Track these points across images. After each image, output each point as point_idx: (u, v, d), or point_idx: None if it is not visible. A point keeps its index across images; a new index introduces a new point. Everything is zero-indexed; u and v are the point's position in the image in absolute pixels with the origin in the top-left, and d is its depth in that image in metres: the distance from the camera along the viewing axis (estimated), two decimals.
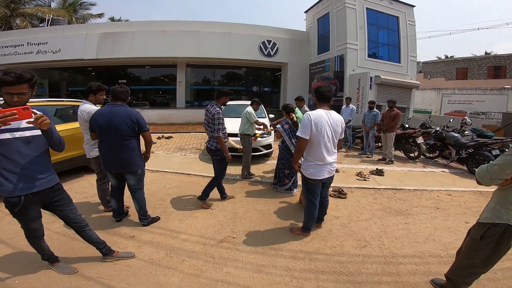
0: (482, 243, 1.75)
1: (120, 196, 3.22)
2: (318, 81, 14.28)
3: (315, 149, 2.73)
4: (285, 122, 4.36)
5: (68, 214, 2.21)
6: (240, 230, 3.17)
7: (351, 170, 5.84)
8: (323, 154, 2.72)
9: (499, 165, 1.59)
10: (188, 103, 15.82)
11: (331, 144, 2.77)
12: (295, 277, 2.36)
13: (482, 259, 1.79)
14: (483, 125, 9.67)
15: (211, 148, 3.65)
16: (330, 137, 2.73)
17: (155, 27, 14.05)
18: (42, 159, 2.01)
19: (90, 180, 4.17)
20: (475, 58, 26.06)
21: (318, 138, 2.68)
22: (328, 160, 2.76)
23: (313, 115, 2.69)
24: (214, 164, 3.76)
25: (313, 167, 2.78)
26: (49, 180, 2.05)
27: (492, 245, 1.71)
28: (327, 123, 2.70)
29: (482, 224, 1.77)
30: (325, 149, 2.73)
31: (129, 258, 2.55)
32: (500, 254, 1.75)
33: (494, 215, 1.69)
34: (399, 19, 13.18)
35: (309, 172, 2.80)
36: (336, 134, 2.79)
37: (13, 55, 13.77)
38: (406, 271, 2.47)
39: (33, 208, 2.02)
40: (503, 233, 1.65)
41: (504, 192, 1.67)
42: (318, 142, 2.70)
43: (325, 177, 2.82)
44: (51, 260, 2.34)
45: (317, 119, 2.67)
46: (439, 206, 4.03)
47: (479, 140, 6.05)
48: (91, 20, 21.84)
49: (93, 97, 3.34)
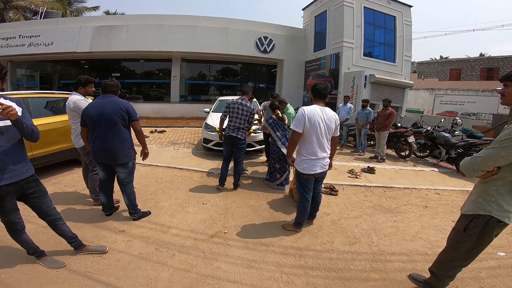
0: (465, 235, 1.80)
1: (110, 190, 3.18)
2: (313, 79, 14.31)
3: (308, 144, 2.79)
4: (269, 117, 4.52)
5: (42, 206, 2.18)
6: (231, 225, 3.18)
7: (343, 168, 5.89)
8: (316, 148, 2.78)
9: (482, 157, 1.65)
10: (182, 97, 15.67)
11: (324, 139, 2.81)
12: (285, 273, 2.38)
13: (465, 251, 1.84)
14: (473, 126, 9.85)
15: (240, 138, 4.15)
16: (323, 132, 2.78)
17: (151, 21, 13.84)
18: (15, 150, 1.97)
19: (80, 173, 4.11)
20: (468, 60, 26.32)
21: (311, 132, 2.74)
22: (320, 155, 2.81)
23: (307, 110, 2.75)
24: (237, 153, 4.25)
25: (306, 162, 2.83)
26: (24, 171, 2.02)
27: (475, 236, 1.75)
28: (321, 118, 2.75)
29: (465, 216, 1.82)
30: (318, 143, 2.78)
31: (100, 252, 2.52)
32: (483, 246, 1.80)
33: (476, 207, 1.74)
34: (396, 18, 13.23)
35: (302, 166, 2.85)
36: (330, 130, 2.83)
37: (5, 48, 13.52)
38: (393, 269, 2.51)
39: (8, 200, 1.99)
40: (485, 224, 1.71)
41: (485, 185, 1.73)
42: (311, 136, 2.75)
43: (317, 171, 2.86)
44: (37, 254, 2.31)
45: (311, 114, 2.73)
46: (427, 205, 4.10)
47: (469, 141, 6.15)
48: (86, 13, 21.38)
49: (82, 90, 3.39)
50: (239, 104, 4.17)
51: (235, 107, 4.17)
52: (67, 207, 3.45)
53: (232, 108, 4.18)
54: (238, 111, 4.15)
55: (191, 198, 3.94)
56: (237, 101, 4.22)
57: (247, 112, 4.17)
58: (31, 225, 2.97)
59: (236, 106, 4.18)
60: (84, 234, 2.82)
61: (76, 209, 3.44)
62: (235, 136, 4.14)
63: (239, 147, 4.21)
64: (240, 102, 4.19)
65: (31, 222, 3.02)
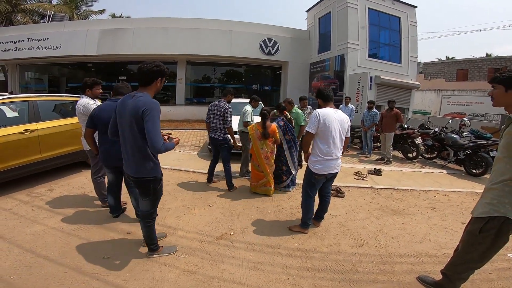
0: (480, 237, 1.78)
1: (118, 192, 3.22)
2: (318, 80, 14.27)
3: (324, 144, 2.84)
4: (280, 119, 4.44)
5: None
6: (237, 227, 3.18)
7: (349, 170, 5.85)
8: (331, 149, 2.84)
9: None
10: (187, 100, 15.74)
11: (338, 140, 2.88)
12: (292, 275, 2.37)
13: (480, 253, 1.83)
14: (481, 127, 9.68)
15: (218, 138, 4.30)
16: (338, 133, 2.86)
17: (156, 24, 13.98)
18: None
19: (88, 176, 4.16)
20: (475, 60, 26.00)
21: (327, 133, 2.81)
22: (335, 155, 2.88)
23: (322, 112, 2.83)
24: (221, 153, 4.40)
25: (321, 163, 2.87)
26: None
27: (491, 238, 1.74)
28: (335, 119, 2.84)
29: (479, 219, 1.80)
30: (334, 144, 2.85)
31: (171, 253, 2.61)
32: (497, 248, 1.79)
33: (491, 209, 1.73)
34: (401, 19, 13.14)
35: (316, 167, 2.89)
36: (344, 130, 2.93)
37: (14, 51, 13.66)
38: (401, 271, 2.48)
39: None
40: (501, 226, 1.70)
41: (499, 188, 1.71)
42: (327, 137, 2.82)
43: (331, 172, 2.93)
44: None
45: (326, 116, 2.80)
46: (435, 207, 4.04)
47: (477, 142, 6.05)
48: (92, 16, 21.73)
49: (90, 92, 3.47)
50: (215, 106, 4.35)
51: (212, 109, 4.38)
52: (76, 209, 3.50)
53: (210, 111, 4.41)
54: (214, 112, 4.34)
55: (197, 200, 3.95)
56: (214, 103, 4.40)
57: (220, 112, 4.28)
58: (39, 226, 3.02)
59: (213, 108, 4.37)
60: (92, 236, 2.86)
61: (84, 210, 3.47)
62: (213, 137, 4.37)
63: (221, 147, 4.39)
64: (216, 103, 4.36)
65: (39, 223, 3.08)
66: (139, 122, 2.04)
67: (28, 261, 2.39)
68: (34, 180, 4.37)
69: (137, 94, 2.13)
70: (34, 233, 2.89)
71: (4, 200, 3.71)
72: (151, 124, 2.02)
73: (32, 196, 3.88)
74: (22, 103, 4.27)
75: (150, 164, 2.21)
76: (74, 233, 2.92)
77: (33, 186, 4.21)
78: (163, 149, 2.09)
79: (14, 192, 3.95)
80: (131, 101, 2.10)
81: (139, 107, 2.02)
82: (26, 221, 3.15)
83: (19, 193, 3.96)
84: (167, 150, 2.17)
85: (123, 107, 2.15)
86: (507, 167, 1.66)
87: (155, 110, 2.06)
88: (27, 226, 3.03)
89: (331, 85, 13.14)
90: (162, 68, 2.28)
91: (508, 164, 1.66)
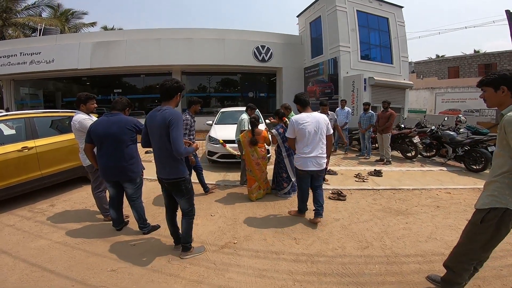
0: (482, 227, 1.81)
1: (119, 205, 3.20)
2: (313, 85, 14.38)
3: (300, 144, 3.32)
4: (280, 126, 4.45)
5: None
6: (241, 236, 3.16)
7: (349, 172, 5.86)
8: (308, 147, 3.27)
9: None
10: (184, 111, 15.74)
11: (316, 140, 3.27)
12: (298, 280, 2.34)
13: (482, 244, 1.85)
14: (477, 123, 9.78)
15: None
16: (312, 133, 3.25)
17: (148, 35, 14.04)
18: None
19: (89, 190, 4.15)
20: (465, 57, 26.35)
21: (302, 135, 3.26)
22: (311, 154, 3.26)
23: (295, 118, 3.35)
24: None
25: (299, 160, 3.35)
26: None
27: (492, 228, 1.77)
28: (308, 123, 3.25)
29: (481, 210, 1.83)
30: (309, 143, 3.26)
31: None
32: (499, 238, 1.82)
33: (492, 200, 1.76)
34: (389, 20, 13.34)
35: (297, 163, 3.40)
36: (321, 130, 3.29)
37: (7, 66, 13.54)
38: (409, 271, 2.46)
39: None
40: (502, 216, 1.73)
41: (499, 180, 1.75)
42: (302, 138, 3.28)
43: (310, 168, 3.29)
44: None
45: (300, 120, 3.27)
46: (439, 205, 4.05)
47: (475, 137, 6.11)
48: (83, 29, 21.87)
49: (84, 107, 3.43)
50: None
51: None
52: (79, 223, 3.47)
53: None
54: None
55: (198, 210, 3.89)
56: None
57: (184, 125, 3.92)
58: (43, 240, 2.98)
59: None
60: (97, 249, 2.83)
61: (87, 225, 3.45)
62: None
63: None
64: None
65: (43, 237, 3.04)
66: (167, 130, 2.35)
67: (35, 275, 2.37)
68: (35, 197, 4.34)
69: (163, 108, 2.45)
70: (38, 247, 2.87)
71: (6, 216, 3.70)
72: (175, 131, 2.34)
73: (34, 212, 3.85)
74: (18, 120, 4.26)
75: (179, 167, 2.51)
76: (79, 247, 2.89)
77: (34, 202, 4.19)
78: (185, 153, 2.39)
79: (16, 209, 3.94)
80: (158, 114, 2.42)
81: (166, 118, 2.35)
82: (30, 236, 3.13)
83: (21, 209, 3.94)
84: (187, 154, 2.57)
85: (152, 120, 2.47)
86: (505, 160, 1.72)
87: (179, 120, 2.39)
88: (31, 241, 3.02)
89: (326, 89, 13.24)
90: (181, 84, 2.59)
91: (504, 157, 1.72)
